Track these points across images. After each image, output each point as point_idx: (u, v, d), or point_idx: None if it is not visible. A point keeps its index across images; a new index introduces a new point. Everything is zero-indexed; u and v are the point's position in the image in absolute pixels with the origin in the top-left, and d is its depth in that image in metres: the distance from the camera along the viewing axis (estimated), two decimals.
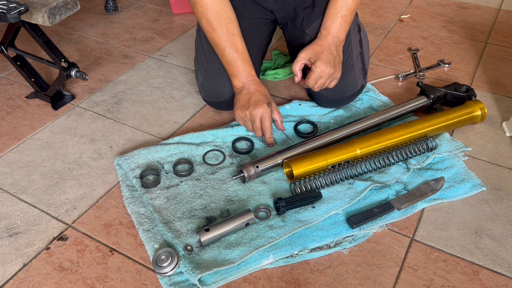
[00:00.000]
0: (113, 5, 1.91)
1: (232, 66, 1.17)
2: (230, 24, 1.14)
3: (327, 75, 1.16)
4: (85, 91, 1.45)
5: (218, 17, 1.13)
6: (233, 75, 1.18)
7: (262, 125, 1.14)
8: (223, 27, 1.14)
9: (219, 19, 1.13)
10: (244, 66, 1.16)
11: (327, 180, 1.05)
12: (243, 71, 1.17)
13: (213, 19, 1.13)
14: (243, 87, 1.17)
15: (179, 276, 0.89)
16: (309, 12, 1.23)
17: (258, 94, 1.15)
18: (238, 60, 1.16)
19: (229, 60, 1.16)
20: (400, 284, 0.89)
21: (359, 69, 1.28)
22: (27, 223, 1.02)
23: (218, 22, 1.13)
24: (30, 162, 1.18)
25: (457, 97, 1.30)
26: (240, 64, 1.16)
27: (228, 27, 1.14)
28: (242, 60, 1.16)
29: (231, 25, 1.14)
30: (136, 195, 1.06)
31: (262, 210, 1.02)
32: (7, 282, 0.90)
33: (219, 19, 1.13)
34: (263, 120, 1.13)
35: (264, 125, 1.14)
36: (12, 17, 1.12)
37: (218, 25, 1.14)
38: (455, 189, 1.07)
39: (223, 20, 1.14)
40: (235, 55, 1.15)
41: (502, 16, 1.89)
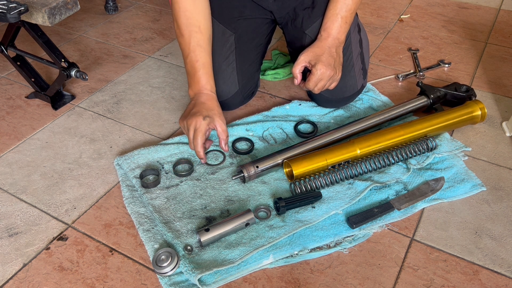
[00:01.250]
0: (113, 5, 1.91)
1: (189, 75, 1.15)
2: (197, 34, 1.12)
3: (327, 78, 1.15)
4: (85, 91, 1.45)
5: (188, 24, 1.12)
6: (189, 84, 1.16)
7: (194, 138, 1.07)
8: (190, 35, 1.12)
9: (188, 26, 1.12)
10: (200, 79, 1.13)
11: (327, 180, 1.05)
12: (197, 82, 1.13)
13: (182, 24, 1.12)
14: (194, 98, 1.14)
15: (179, 276, 0.89)
16: (308, 13, 1.23)
17: (201, 106, 1.09)
18: (196, 72, 1.13)
19: (188, 69, 1.15)
20: (400, 284, 0.89)
21: (359, 69, 1.28)
22: (27, 223, 1.02)
23: (186, 29, 1.12)
24: (30, 162, 1.18)
25: (457, 97, 1.30)
26: (197, 76, 1.13)
27: (195, 36, 1.12)
28: (200, 73, 1.12)
29: (198, 35, 1.12)
30: (136, 195, 1.06)
31: (262, 210, 1.02)
32: (7, 282, 0.90)
33: (188, 26, 1.12)
34: (194, 133, 1.06)
35: (194, 138, 1.07)
36: (12, 17, 1.12)
37: (185, 32, 1.12)
38: (455, 189, 1.07)
39: (191, 28, 1.11)
40: (194, 66, 1.13)
41: (502, 16, 1.89)
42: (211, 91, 1.14)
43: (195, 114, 1.07)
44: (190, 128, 1.07)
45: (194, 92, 1.14)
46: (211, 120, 1.07)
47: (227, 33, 1.25)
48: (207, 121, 1.06)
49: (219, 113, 1.09)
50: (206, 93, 1.13)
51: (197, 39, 1.12)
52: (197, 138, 1.06)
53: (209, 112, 1.08)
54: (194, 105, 1.11)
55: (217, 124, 1.07)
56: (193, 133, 1.06)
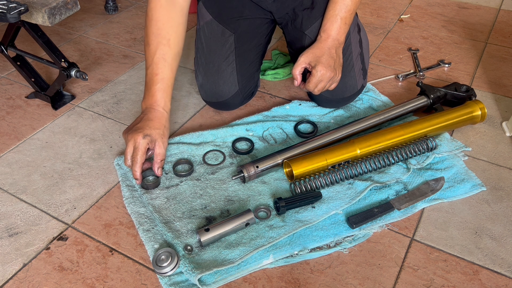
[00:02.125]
0: (113, 5, 1.92)
1: (146, 87, 1.11)
2: (165, 47, 1.08)
3: (327, 79, 1.15)
4: (85, 91, 1.45)
5: (157, 34, 1.08)
6: (144, 96, 1.11)
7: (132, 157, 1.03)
8: (157, 46, 1.08)
9: (157, 36, 1.08)
10: (155, 93, 1.08)
11: (327, 180, 1.05)
12: (151, 96, 1.09)
13: (151, 33, 1.08)
14: (143, 111, 1.09)
15: (179, 276, 0.89)
16: (308, 13, 1.23)
17: (146, 123, 1.05)
18: (153, 85, 1.09)
19: (147, 80, 1.10)
20: (400, 284, 0.89)
21: (359, 70, 1.28)
22: (27, 223, 1.02)
23: (155, 39, 1.08)
24: (30, 162, 1.18)
25: (457, 97, 1.30)
26: (152, 90, 1.09)
27: (161, 49, 1.08)
28: (156, 87, 1.08)
29: (165, 48, 1.08)
30: (136, 195, 1.06)
31: (262, 210, 1.02)
32: (7, 282, 0.90)
33: (157, 36, 1.08)
34: (134, 151, 1.02)
35: (133, 157, 1.03)
36: (12, 17, 1.12)
37: (153, 42, 1.08)
38: (455, 189, 1.07)
39: (160, 39, 1.08)
40: (152, 78, 1.09)
41: (502, 16, 1.89)
42: (163, 109, 1.09)
43: (137, 130, 1.03)
44: (129, 144, 1.03)
45: (146, 105, 1.10)
46: (151, 140, 1.03)
47: (227, 33, 1.25)
48: (147, 140, 1.02)
49: (162, 134, 1.06)
50: (157, 109, 1.08)
51: (163, 52, 1.08)
52: (136, 157, 1.02)
53: (152, 131, 1.03)
54: (141, 120, 1.07)
55: (156, 145, 1.04)
56: (132, 151, 1.03)
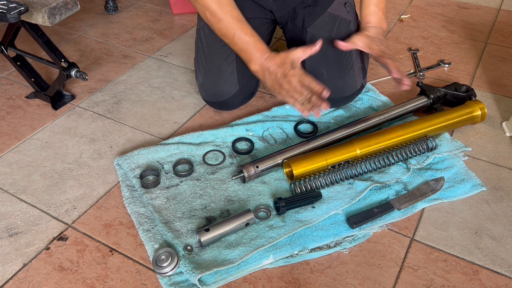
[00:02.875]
0: (113, 5, 1.92)
1: (245, 52, 1.13)
2: (234, 11, 1.11)
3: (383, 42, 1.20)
4: (85, 91, 1.45)
5: (221, 6, 1.11)
6: (249, 60, 1.14)
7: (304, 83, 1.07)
8: (228, 14, 1.11)
9: (222, 7, 1.11)
10: (256, 47, 1.12)
11: (327, 180, 1.05)
12: (256, 52, 1.12)
13: (216, 8, 1.11)
14: (264, 70, 1.12)
15: (179, 276, 0.89)
16: (310, 11, 1.23)
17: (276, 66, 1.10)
18: (250, 44, 1.12)
19: (241, 46, 1.13)
20: (400, 284, 0.89)
21: (359, 69, 1.28)
22: (27, 223, 1.02)
23: (222, 11, 1.11)
24: (30, 162, 1.18)
25: (457, 97, 1.30)
26: (252, 47, 1.12)
27: (233, 14, 1.11)
28: (253, 42, 1.11)
29: (235, 12, 1.11)
30: (136, 195, 1.06)
31: (262, 210, 1.02)
32: (7, 282, 0.90)
33: (222, 7, 1.11)
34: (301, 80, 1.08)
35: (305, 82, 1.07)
36: (12, 17, 1.12)
37: (222, 14, 1.11)
38: (455, 189, 1.07)
39: (226, 8, 1.11)
40: (245, 39, 1.11)
41: (502, 16, 1.89)
42: (269, 51, 1.13)
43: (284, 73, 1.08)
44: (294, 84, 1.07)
45: (259, 64, 1.12)
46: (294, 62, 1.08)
47: None
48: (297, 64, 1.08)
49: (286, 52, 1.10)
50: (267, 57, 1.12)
51: (236, 16, 1.11)
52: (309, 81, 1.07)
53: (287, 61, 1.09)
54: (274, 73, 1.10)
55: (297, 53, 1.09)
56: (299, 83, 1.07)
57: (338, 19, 1.23)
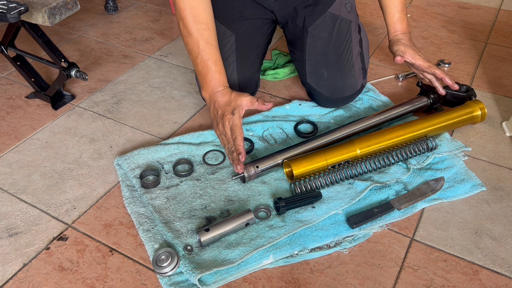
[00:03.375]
0: (113, 5, 1.92)
1: (201, 76, 1.12)
2: (205, 32, 1.10)
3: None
4: (85, 91, 1.45)
5: (195, 21, 1.09)
6: (202, 86, 1.13)
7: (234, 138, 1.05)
8: (198, 32, 1.09)
9: (195, 23, 1.09)
10: (214, 77, 1.11)
11: (327, 180, 1.05)
12: (209, 82, 1.11)
13: (189, 22, 1.09)
14: (210, 101, 1.12)
15: (179, 276, 0.89)
16: (311, 10, 1.24)
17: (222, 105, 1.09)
18: (208, 71, 1.11)
19: (201, 70, 1.12)
20: (400, 284, 0.89)
21: (359, 69, 1.28)
22: (27, 223, 1.02)
23: (194, 27, 1.09)
24: (30, 162, 1.18)
25: (457, 97, 1.30)
26: (209, 76, 1.11)
27: (203, 34, 1.09)
28: (212, 71, 1.10)
29: (206, 33, 1.10)
30: (136, 195, 1.06)
31: (262, 210, 1.02)
32: (7, 282, 0.90)
33: (196, 23, 1.09)
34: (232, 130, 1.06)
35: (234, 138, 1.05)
36: (12, 17, 1.12)
37: (193, 30, 1.09)
38: (455, 189, 1.07)
39: (199, 26, 1.09)
40: (206, 65, 1.10)
41: (502, 16, 1.89)
42: (224, 86, 1.12)
43: (223, 116, 1.07)
44: (225, 129, 1.07)
45: (209, 94, 1.12)
46: (238, 108, 1.06)
47: (228, 33, 1.25)
48: (237, 114, 1.06)
49: (237, 95, 1.08)
50: (220, 90, 1.11)
51: (205, 37, 1.10)
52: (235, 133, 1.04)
53: (232, 104, 1.07)
54: (215, 109, 1.10)
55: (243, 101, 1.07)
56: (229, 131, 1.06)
57: (339, 19, 1.23)
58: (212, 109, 1.12)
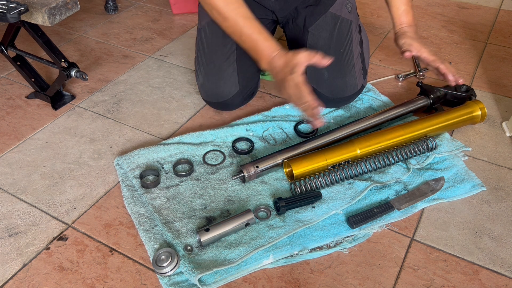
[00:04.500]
0: (113, 5, 1.91)
1: (253, 50, 1.11)
2: (240, 9, 1.09)
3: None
4: (85, 91, 1.45)
5: (227, 3, 1.08)
6: (258, 58, 1.11)
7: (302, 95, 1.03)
8: (233, 12, 1.08)
9: (228, 5, 1.08)
10: (264, 46, 1.09)
11: (327, 180, 1.05)
12: (263, 51, 1.09)
13: (222, 6, 1.08)
14: (271, 69, 1.10)
15: (179, 276, 0.89)
16: (311, 10, 1.23)
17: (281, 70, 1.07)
18: (257, 42, 1.09)
19: (249, 45, 1.10)
20: (400, 284, 0.89)
21: (359, 69, 1.28)
22: (27, 223, 1.02)
23: (228, 8, 1.08)
24: (30, 162, 1.18)
25: (457, 97, 1.30)
26: (260, 46, 1.09)
27: (239, 12, 1.09)
28: (261, 40, 1.08)
29: (241, 9, 1.09)
30: (136, 195, 1.06)
31: (262, 210, 1.02)
32: (7, 282, 0.90)
33: (228, 4, 1.08)
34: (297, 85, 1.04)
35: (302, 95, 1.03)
36: (12, 17, 1.12)
37: (228, 12, 1.08)
38: (455, 189, 1.07)
39: (232, 6, 1.08)
40: (252, 37, 1.09)
41: (502, 16, 1.89)
42: (277, 50, 1.09)
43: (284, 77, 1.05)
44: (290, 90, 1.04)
45: (267, 62, 1.09)
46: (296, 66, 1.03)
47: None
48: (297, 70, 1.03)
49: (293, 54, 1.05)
50: (275, 55, 1.08)
51: (241, 13, 1.09)
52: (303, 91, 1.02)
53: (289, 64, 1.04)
54: (277, 73, 1.08)
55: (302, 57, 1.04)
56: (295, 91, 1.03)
57: (340, 19, 1.23)
58: (274, 76, 1.10)
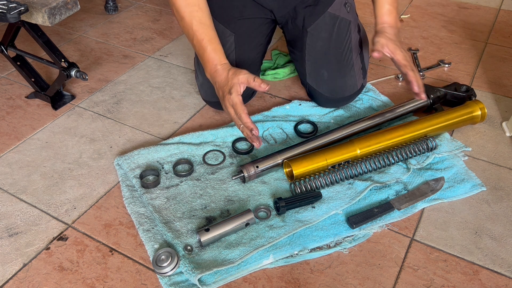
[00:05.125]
0: (113, 5, 1.91)
1: (200, 57, 1.13)
2: (198, 12, 1.10)
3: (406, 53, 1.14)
4: (85, 91, 1.45)
5: (186, 4, 1.09)
6: (204, 67, 1.13)
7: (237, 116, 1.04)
8: (191, 15, 1.09)
9: (187, 6, 1.09)
10: (209, 57, 1.10)
11: (327, 180, 1.05)
12: (208, 61, 1.10)
13: (180, 6, 1.10)
14: (212, 80, 1.12)
15: (179, 276, 0.89)
16: (310, 10, 1.23)
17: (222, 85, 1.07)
18: (205, 51, 1.10)
19: (197, 50, 1.12)
20: (400, 284, 0.89)
21: (359, 69, 1.28)
22: (27, 223, 1.02)
23: (186, 10, 1.09)
24: (30, 162, 1.18)
25: (457, 97, 1.30)
26: (206, 55, 1.10)
27: (196, 16, 1.09)
28: (208, 50, 1.09)
29: (199, 13, 1.10)
30: (136, 195, 1.06)
31: (262, 210, 1.02)
32: (7, 282, 0.90)
33: (187, 6, 1.09)
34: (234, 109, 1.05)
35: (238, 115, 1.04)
36: (12, 17, 1.12)
37: (185, 13, 1.10)
38: (455, 189, 1.07)
39: (191, 8, 1.09)
40: (201, 45, 1.10)
41: (502, 16, 1.89)
42: (223, 63, 1.10)
43: (223, 95, 1.06)
44: (229, 110, 1.05)
45: (210, 74, 1.12)
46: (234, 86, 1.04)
47: (227, 33, 1.25)
48: (235, 90, 1.03)
49: (234, 73, 1.06)
50: (219, 68, 1.10)
51: (198, 18, 1.10)
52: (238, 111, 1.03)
53: (228, 83, 1.05)
54: (218, 87, 1.09)
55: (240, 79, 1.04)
56: (233, 110, 1.05)
57: (339, 19, 1.23)
58: (216, 91, 1.12)
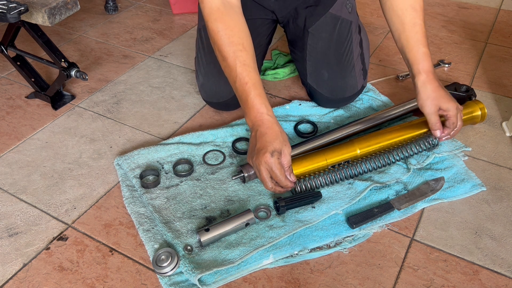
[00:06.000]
0: (113, 5, 1.91)
1: (241, 101, 1.03)
2: (242, 52, 1.01)
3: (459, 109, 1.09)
4: (85, 91, 1.45)
5: (230, 43, 1.01)
6: (244, 112, 1.04)
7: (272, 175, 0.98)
8: (234, 55, 1.01)
9: (230, 45, 1.01)
10: (253, 103, 1.00)
11: (327, 180, 1.05)
12: (251, 108, 1.01)
13: (223, 45, 1.01)
14: (252, 128, 1.02)
15: (179, 276, 0.89)
16: (311, 11, 1.23)
17: (264, 140, 0.98)
18: (248, 96, 1.01)
19: (240, 94, 1.03)
20: (400, 284, 0.89)
21: (360, 70, 1.28)
22: (27, 223, 1.02)
23: (230, 49, 1.01)
24: (30, 162, 1.18)
25: (457, 97, 1.30)
26: (249, 101, 1.01)
27: (240, 56, 1.01)
28: (252, 95, 1.00)
29: (243, 54, 1.01)
30: (136, 195, 1.06)
31: (262, 210, 1.02)
32: (7, 282, 0.90)
33: (231, 45, 1.01)
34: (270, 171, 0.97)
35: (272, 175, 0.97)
36: (12, 17, 1.12)
37: (229, 53, 1.01)
38: (455, 189, 1.07)
39: (234, 47, 1.01)
40: (244, 89, 1.01)
41: (502, 16, 1.89)
42: (268, 114, 1.01)
43: (261, 151, 0.96)
44: (262, 169, 0.97)
45: (252, 121, 1.02)
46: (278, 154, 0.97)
47: None
48: (276, 157, 0.96)
49: (282, 141, 0.98)
50: (264, 119, 1.00)
51: (242, 59, 1.01)
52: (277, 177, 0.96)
53: (274, 145, 0.96)
54: (256, 139, 0.99)
55: (282, 155, 0.97)
56: (269, 174, 0.97)
57: (340, 20, 1.23)
58: (252, 137, 1.02)
